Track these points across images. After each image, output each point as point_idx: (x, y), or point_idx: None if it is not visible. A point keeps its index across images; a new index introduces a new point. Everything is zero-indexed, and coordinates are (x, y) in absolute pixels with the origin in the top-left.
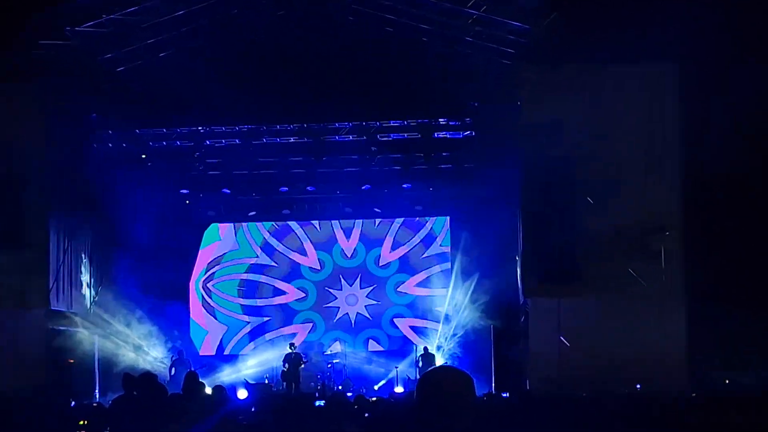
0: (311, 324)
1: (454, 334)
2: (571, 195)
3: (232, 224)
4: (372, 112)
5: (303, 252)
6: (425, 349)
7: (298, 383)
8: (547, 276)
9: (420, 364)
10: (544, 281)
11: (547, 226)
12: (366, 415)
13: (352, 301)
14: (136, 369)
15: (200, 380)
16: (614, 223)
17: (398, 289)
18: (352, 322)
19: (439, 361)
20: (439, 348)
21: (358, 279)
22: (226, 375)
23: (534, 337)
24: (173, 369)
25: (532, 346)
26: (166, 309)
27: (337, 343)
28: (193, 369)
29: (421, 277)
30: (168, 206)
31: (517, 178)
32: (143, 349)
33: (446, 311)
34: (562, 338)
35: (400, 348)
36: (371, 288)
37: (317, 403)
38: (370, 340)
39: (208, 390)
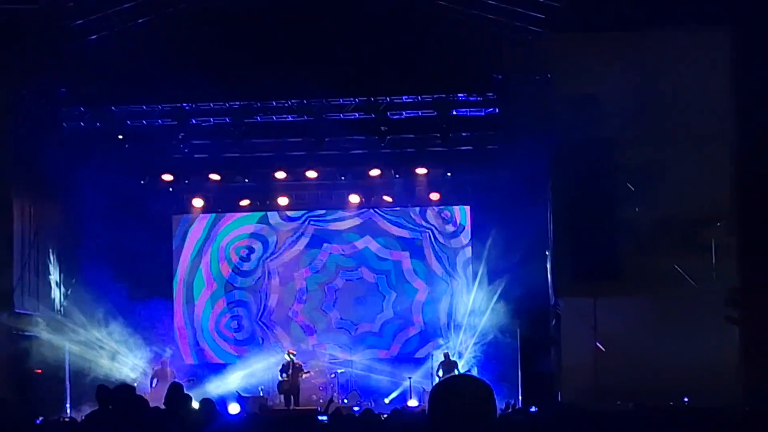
0: (311, 327)
1: (476, 341)
2: (610, 181)
3: (215, 214)
4: (381, 87)
5: (301, 245)
6: (446, 356)
7: (298, 396)
8: (581, 273)
9: (440, 373)
10: (578, 279)
11: (582, 217)
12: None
13: None
14: (113, 380)
15: (185, 393)
16: (658, 213)
17: (411, 288)
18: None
19: (462, 368)
20: (460, 356)
21: (364, 277)
22: (216, 386)
23: (566, 343)
24: (155, 380)
25: (564, 353)
26: (147, 311)
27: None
28: (177, 380)
29: (438, 275)
30: (148, 194)
31: (547, 161)
32: (120, 357)
33: (467, 313)
34: (598, 344)
35: (414, 355)
36: (375, 288)
37: (320, 418)
38: (381, 346)
39: (195, 404)
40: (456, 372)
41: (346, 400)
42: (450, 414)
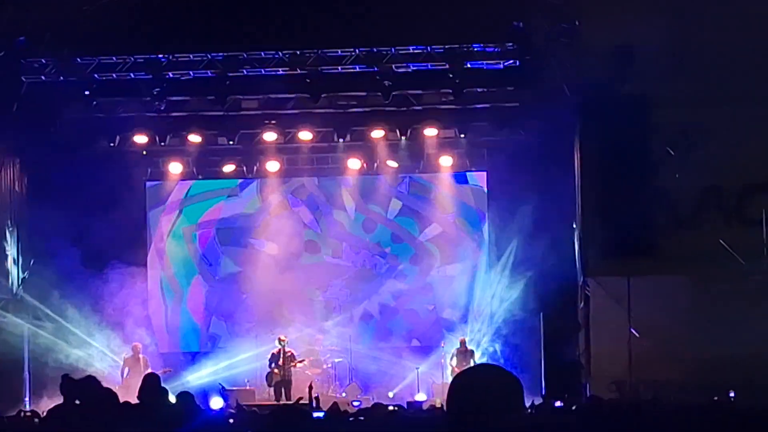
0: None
1: (493, 326)
2: (646, 144)
3: (195, 181)
4: (385, 36)
5: (294, 216)
6: (462, 343)
7: (290, 389)
8: (613, 249)
9: (453, 362)
10: (609, 256)
11: (614, 185)
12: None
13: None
14: (79, 369)
15: (162, 385)
16: (701, 181)
17: (419, 268)
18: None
19: (479, 358)
20: (478, 344)
21: (368, 253)
22: (196, 378)
23: (596, 329)
24: (126, 370)
25: (593, 339)
26: (117, 292)
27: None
28: (151, 370)
29: (449, 251)
30: (118, 158)
31: (574, 122)
32: (87, 344)
33: (483, 296)
34: (632, 330)
35: (422, 343)
36: (381, 265)
37: (315, 414)
38: (384, 333)
39: (172, 398)
40: (472, 362)
41: (344, 394)
42: (472, 408)
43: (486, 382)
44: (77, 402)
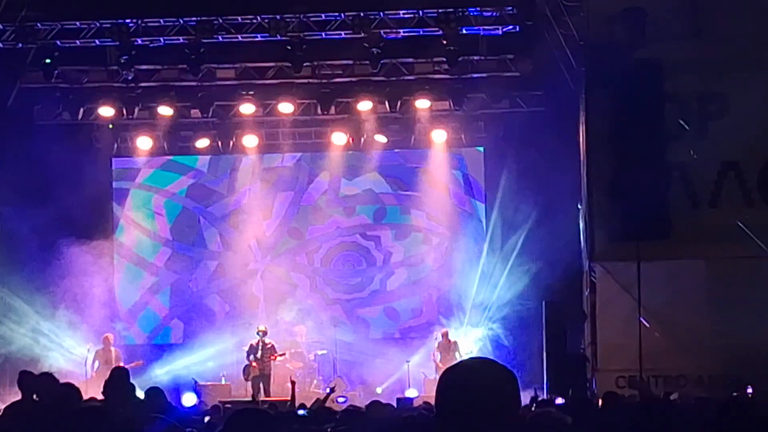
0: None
1: (490, 316)
2: (658, 116)
3: (166, 157)
4: None
5: (274, 196)
6: (445, 335)
7: (269, 384)
8: (622, 231)
9: (437, 357)
10: (618, 239)
11: (624, 162)
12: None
13: None
14: (40, 363)
15: (130, 381)
16: (718, 157)
17: (409, 252)
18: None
19: (465, 351)
20: (489, 333)
21: (354, 236)
22: (167, 372)
23: (604, 319)
24: (96, 363)
25: (600, 330)
26: (82, 278)
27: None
28: (123, 363)
29: (441, 233)
30: (83, 132)
31: (580, 91)
32: (49, 335)
33: (478, 282)
34: (642, 319)
35: (412, 333)
36: (368, 248)
37: (299, 412)
38: (371, 323)
39: (140, 393)
40: (457, 355)
41: (328, 389)
42: (463, 408)
43: (477, 378)
44: (36, 398)
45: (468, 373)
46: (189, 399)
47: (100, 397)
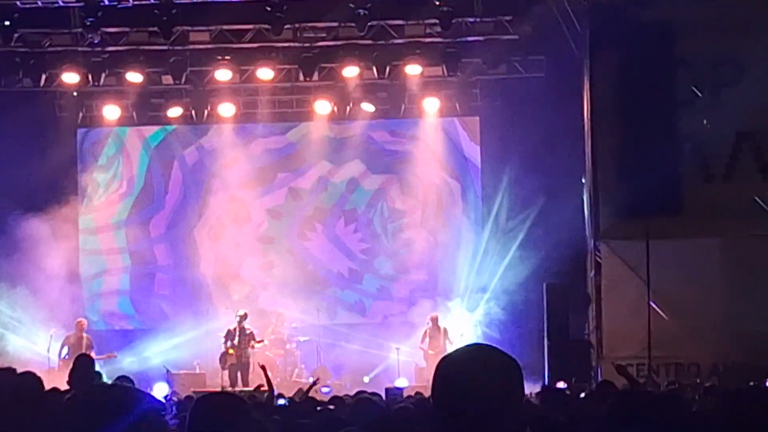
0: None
1: (488, 298)
2: (669, 83)
3: (134, 127)
4: None
5: (250, 169)
6: (433, 320)
7: (247, 372)
8: (630, 208)
9: (425, 344)
10: (625, 216)
11: (632, 132)
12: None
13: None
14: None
15: (96, 369)
16: (734, 126)
17: (398, 230)
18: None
19: (457, 336)
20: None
21: (339, 216)
22: (136, 359)
23: (610, 302)
24: (65, 349)
25: (606, 314)
26: (44, 259)
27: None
28: (94, 351)
29: (434, 210)
30: (46, 99)
31: (583, 55)
32: (10, 321)
33: (476, 263)
34: (653, 304)
35: (403, 318)
36: (355, 228)
37: (279, 402)
38: (359, 307)
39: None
40: (447, 343)
41: (311, 378)
42: (461, 399)
43: (478, 367)
44: None
45: (468, 361)
46: (160, 389)
47: (65, 387)
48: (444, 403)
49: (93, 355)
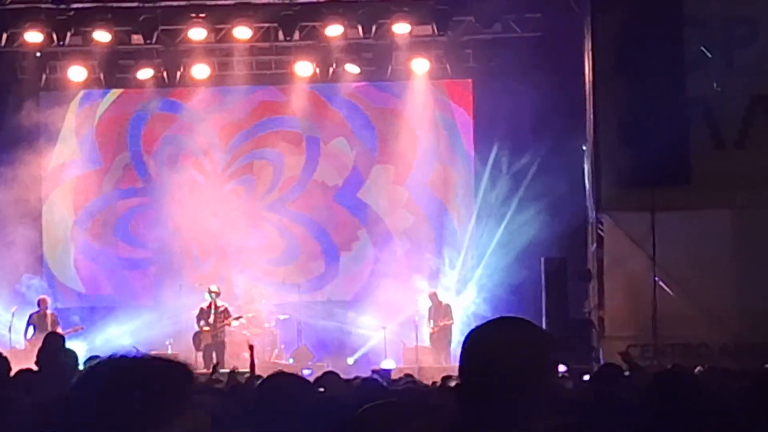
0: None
1: (481, 274)
2: (677, 43)
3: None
4: None
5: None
6: (433, 297)
7: (223, 353)
8: (635, 177)
9: (431, 324)
10: (629, 185)
11: (636, 96)
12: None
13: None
14: None
15: (65, 347)
16: (748, 89)
17: (384, 202)
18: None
19: (459, 314)
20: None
21: (319, 184)
22: (102, 338)
23: (612, 278)
24: (31, 329)
25: (608, 292)
26: (5, 230)
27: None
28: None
29: (423, 180)
30: (5, 60)
31: (585, 13)
32: None
33: (467, 237)
34: (658, 280)
35: (390, 295)
36: (338, 197)
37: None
38: (343, 282)
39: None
40: (450, 319)
41: (292, 359)
42: (491, 375)
43: (509, 342)
44: None
45: (498, 335)
46: None
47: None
48: (472, 379)
49: (60, 331)
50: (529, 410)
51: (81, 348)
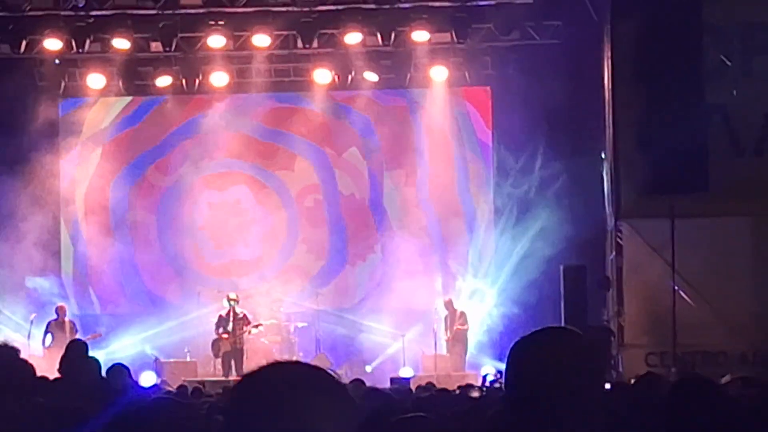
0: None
1: (500, 281)
2: (696, 50)
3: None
4: None
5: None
6: (448, 304)
7: (241, 360)
8: (654, 183)
9: (448, 333)
10: (649, 192)
11: (656, 103)
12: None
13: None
14: None
15: (89, 355)
16: (766, 96)
17: (402, 209)
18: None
19: (476, 321)
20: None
21: (338, 193)
22: (121, 346)
23: (631, 285)
24: (49, 336)
25: (627, 299)
26: (24, 239)
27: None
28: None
29: (440, 187)
30: (24, 67)
31: (604, 21)
32: None
33: (486, 244)
34: (677, 289)
35: (409, 303)
36: (357, 206)
37: None
38: (361, 290)
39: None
40: (466, 326)
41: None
42: (540, 385)
43: (560, 351)
44: None
45: (547, 345)
46: (147, 378)
47: (52, 376)
48: (521, 389)
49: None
50: (580, 420)
51: (100, 355)
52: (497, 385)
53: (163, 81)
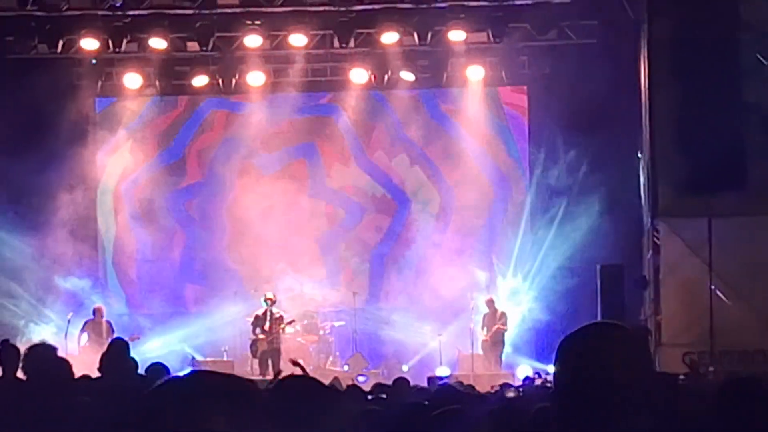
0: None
1: (536, 281)
2: (733, 48)
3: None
4: None
5: (284, 145)
6: (490, 303)
7: (278, 360)
8: (691, 183)
9: (485, 331)
10: (686, 192)
11: (693, 102)
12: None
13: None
14: (22, 336)
15: (130, 355)
16: None
17: (440, 208)
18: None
19: (513, 321)
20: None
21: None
22: (158, 346)
23: (669, 285)
24: (85, 335)
25: (665, 298)
26: (61, 238)
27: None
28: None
29: (477, 186)
30: (61, 67)
31: (640, 20)
32: (19, 299)
33: (524, 243)
34: (714, 289)
35: (445, 302)
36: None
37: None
38: (398, 290)
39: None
40: (504, 326)
41: (347, 367)
42: (590, 381)
43: (608, 347)
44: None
45: (596, 340)
46: None
47: (91, 375)
48: (571, 386)
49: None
50: (632, 413)
51: (137, 354)
52: (538, 383)
53: (200, 81)
